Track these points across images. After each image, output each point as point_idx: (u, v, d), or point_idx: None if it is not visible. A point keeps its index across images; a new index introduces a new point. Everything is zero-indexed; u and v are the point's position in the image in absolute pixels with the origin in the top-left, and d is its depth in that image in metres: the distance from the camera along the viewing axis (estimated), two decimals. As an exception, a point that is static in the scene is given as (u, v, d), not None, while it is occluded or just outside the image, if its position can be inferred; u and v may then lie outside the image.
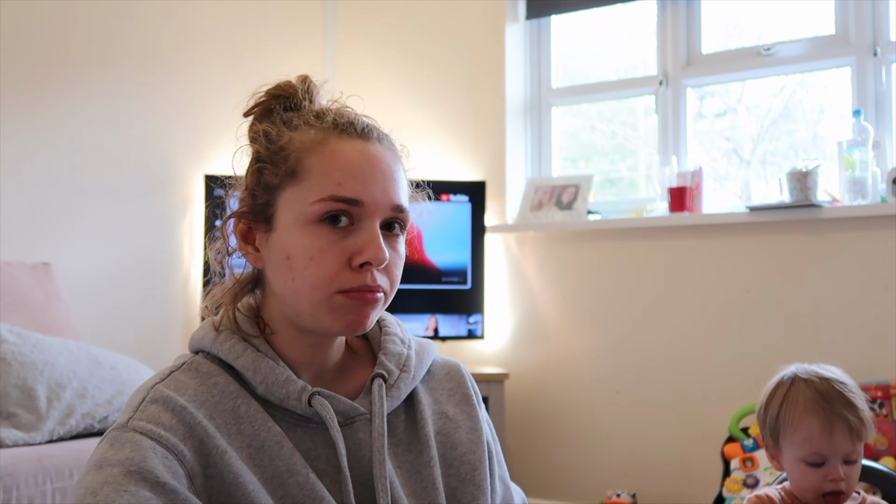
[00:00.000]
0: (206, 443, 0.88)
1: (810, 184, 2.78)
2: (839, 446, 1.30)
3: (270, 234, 0.94)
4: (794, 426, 1.33)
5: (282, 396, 0.94)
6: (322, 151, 0.93)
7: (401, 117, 3.78)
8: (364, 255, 0.91)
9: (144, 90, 3.27)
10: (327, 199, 0.91)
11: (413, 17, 3.79)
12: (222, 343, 0.96)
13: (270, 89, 1.00)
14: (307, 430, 0.95)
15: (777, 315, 2.91)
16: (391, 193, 0.94)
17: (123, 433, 0.87)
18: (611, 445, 3.22)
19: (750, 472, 2.57)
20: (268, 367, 0.94)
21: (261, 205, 0.95)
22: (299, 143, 0.94)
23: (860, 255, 2.77)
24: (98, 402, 2.26)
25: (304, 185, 0.92)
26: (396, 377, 1.01)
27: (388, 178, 0.95)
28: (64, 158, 3.01)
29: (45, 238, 2.93)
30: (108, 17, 3.15)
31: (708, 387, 3.01)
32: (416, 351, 1.06)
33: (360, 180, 0.92)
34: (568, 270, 3.35)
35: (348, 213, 0.92)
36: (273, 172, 0.94)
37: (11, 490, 1.88)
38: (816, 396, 1.32)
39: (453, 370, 1.11)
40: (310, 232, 0.91)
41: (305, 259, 0.91)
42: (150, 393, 0.91)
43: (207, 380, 0.94)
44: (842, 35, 2.98)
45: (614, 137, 3.63)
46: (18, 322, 2.43)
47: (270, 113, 0.99)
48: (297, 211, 0.92)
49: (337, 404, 0.95)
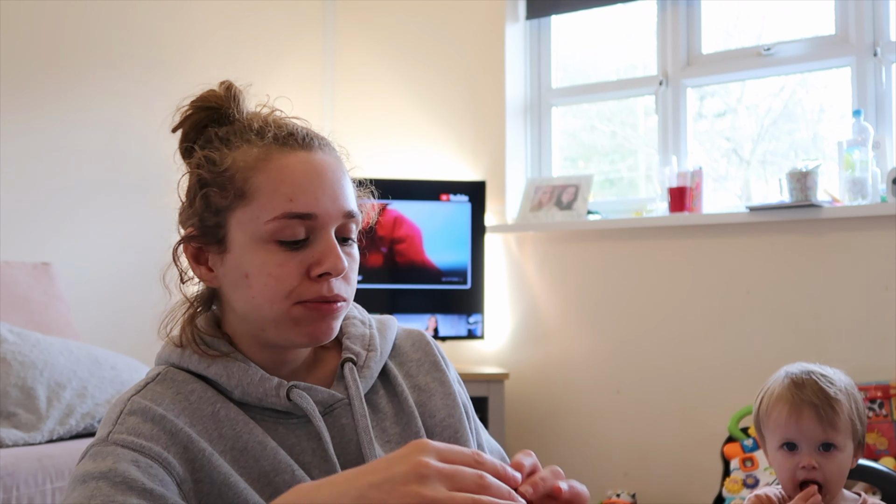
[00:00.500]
0: (189, 448, 0.88)
1: (810, 184, 2.78)
2: (808, 431, 1.34)
3: (225, 254, 0.95)
4: (769, 413, 1.39)
5: (260, 395, 0.94)
6: (267, 168, 0.92)
7: (401, 117, 3.78)
8: (323, 266, 0.92)
9: (144, 90, 3.27)
10: (281, 217, 0.91)
11: (413, 17, 3.79)
12: (190, 356, 0.97)
13: (195, 101, 0.99)
14: (289, 426, 0.95)
15: (777, 315, 2.91)
16: (341, 201, 0.94)
17: (105, 447, 0.86)
18: (611, 446, 3.21)
19: (750, 473, 2.57)
20: (240, 369, 0.95)
21: (211, 227, 0.95)
22: (243, 162, 0.93)
23: (860, 255, 2.77)
24: (98, 402, 2.26)
25: (254, 204, 0.92)
26: (365, 357, 1.02)
27: (336, 187, 0.95)
28: (64, 158, 3.01)
29: (45, 238, 2.93)
30: (109, 18, 3.15)
31: (708, 387, 3.01)
32: (377, 329, 1.07)
33: (310, 193, 0.92)
34: (568, 270, 3.35)
35: (303, 227, 0.92)
36: (221, 195, 0.93)
37: (11, 490, 1.88)
38: (790, 384, 1.37)
39: (418, 340, 1.11)
40: (266, 249, 0.92)
41: (265, 276, 0.91)
42: (127, 405, 0.91)
43: (183, 387, 0.94)
44: (842, 35, 2.98)
45: (614, 137, 3.63)
46: (18, 322, 2.43)
47: (202, 129, 0.99)
48: (252, 230, 0.92)
49: (315, 394, 0.96)
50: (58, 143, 2.99)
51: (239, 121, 0.98)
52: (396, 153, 3.74)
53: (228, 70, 3.63)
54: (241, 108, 0.99)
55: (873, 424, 2.54)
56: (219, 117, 0.98)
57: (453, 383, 1.08)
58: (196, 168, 0.96)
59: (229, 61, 3.57)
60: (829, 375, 1.38)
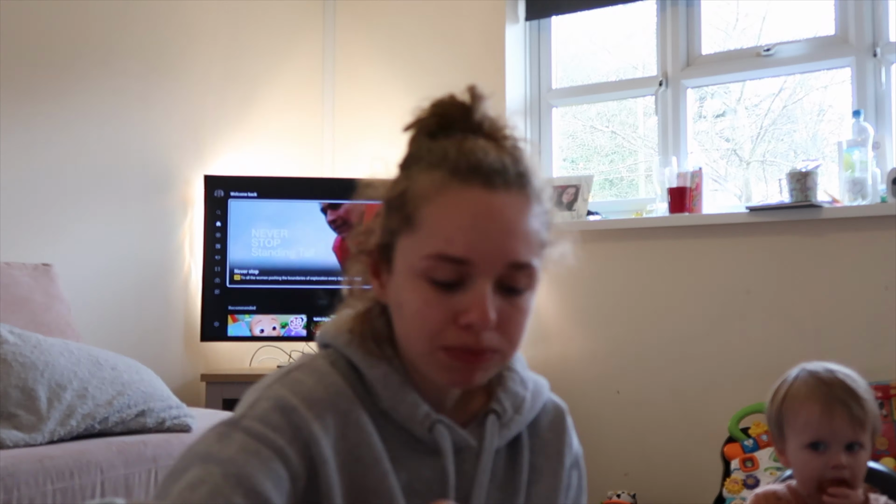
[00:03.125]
0: (310, 447, 0.87)
1: (810, 184, 2.78)
2: (839, 430, 1.32)
3: (391, 276, 0.93)
4: (796, 412, 1.35)
5: (406, 416, 0.93)
6: (438, 201, 0.88)
7: (401, 117, 3.77)
8: (468, 317, 0.87)
9: (144, 90, 3.27)
10: (434, 257, 0.87)
11: (413, 17, 3.79)
12: (356, 349, 0.95)
13: (434, 103, 0.97)
14: (416, 452, 0.94)
15: (777, 315, 2.91)
16: (508, 250, 0.88)
17: (233, 431, 0.86)
18: (611, 446, 3.21)
19: (750, 473, 2.57)
20: (397, 384, 0.93)
21: (384, 245, 0.93)
22: (418, 189, 0.90)
23: (860, 256, 2.77)
24: (99, 403, 2.26)
25: (417, 235, 0.89)
26: (510, 418, 1.00)
27: (506, 233, 0.88)
28: (64, 159, 3.01)
29: (45, 238, 2.93)
30: (108, 17, 3.15)
31: (708, 387, 3.01)
32: (532, 392, 1.04)
33: (471, 237, 0.87)
34: (568, 270, 3.34)
35: (456, 272, 0.87)
36: (393, 217, 0.92)
37: (12, 491, 1.88)
38: (818, 382, 1.35)
39: (557, 420, 1.08)
40: (419, 285, 0.88)
41: (412, 311, 0.89)
42: (265, 391, 0.90)
43: (325, 379, 0.92)
44: (842, 35, 2.98)
45: (614, 138, 3.63)
46: (19, 323, 2.43)
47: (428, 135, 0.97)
48: (410, 261, 0.89)
49: (454, 434, 0.95)
50: (58, 143, 2.99)
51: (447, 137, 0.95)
52: (397, 153, 3.73)
53: (229, 70, 3.65)
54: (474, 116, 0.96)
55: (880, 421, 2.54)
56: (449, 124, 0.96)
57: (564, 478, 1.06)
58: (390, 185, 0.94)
59: (229, 61, 3.57)
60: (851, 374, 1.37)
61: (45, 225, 2.95)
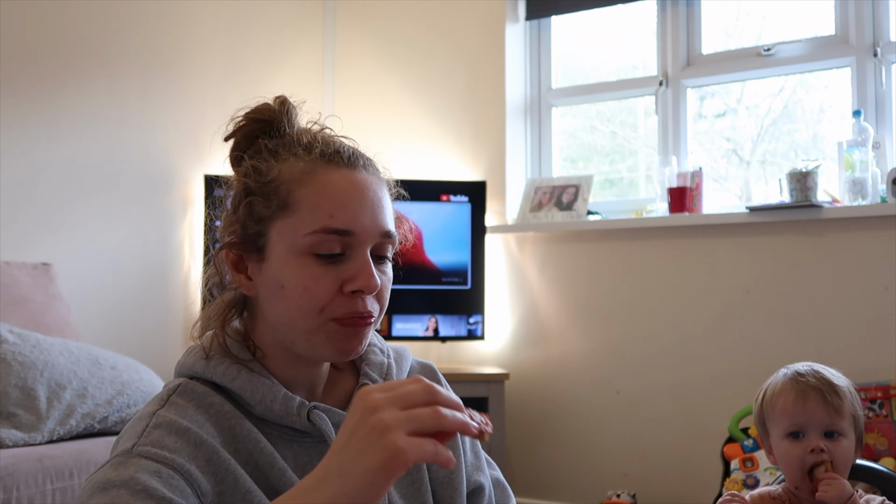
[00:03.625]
0: (213, 460, 0.89)
1: (810, 184, 2.78)
2: (815, 416, 1.36)
3: (263, 263, 0.96)
4: (774, 403, 1.40)
5: (281, 414, 0.96)
6: (311, 183, 0.95)
7: (401, 118, 3.78)
8: (356, 283, 0.93)
9: (144, 90, 3.27)
10: (319, 231, 0.93)
11: (413, 17, 3.79)
12: (216, 367, 0.97)
13: (249, 113, 1.01)
14: (303, 445, 0.97)
15: (777, 315, 2.91)
16: (380, 221, 0.97)
17: (128, 458, 0.87)
18: (611, 446, 3.21)
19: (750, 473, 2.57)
20: (264, 386, 0.96)
21: (252, 235, 0.96)
22: (289, 174, 0.95)
23: (860, 256, 2.77)
24: (98, 403, 2.26)
25: (295, 216, 0.94)
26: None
27: (376, 206, 0.97)
28: (64, 159, 3.01)
29: (45, 238, 2.93)
30: (108, 18, 3.15)
31: (708, 387, 3.01)
32: (394, 359, 1.09)
33: (350, 210, 0.94)
34: (568, 271, 3.35)
35: (340, 243, 0.94)
36: (264, 205, 0.95)
37: (11, 490, 1.88)
38: (795, 375, 1.41)
39: (428, 376, 1.12)
40: (303, 262, 0.93)
41: (300, 288, 0.93)
42: (152, 419, 0.91)
43: (203, 400, 0.95)
44: (842, 35, 2.98)
45: (614, 138, 3.63)
46: (18, 322, 2.43)
47: (253, 140, 1.00)
48: (290, 242, 0.94)
49: (333, 416, 0.98)
50: (58, 143, 2.99)
51: (289, 134, 1.00)
52: (396, 153, 3.74)
53: (228, 70, 3.65)
54: (293, 122, 1.01)
55: (873, 424, 2.54)
56: (270, 130, 1.00)
57: None
58: (243, 177, 0.98)
59: (229, 61, 3.57)
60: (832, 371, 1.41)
61: (45, 225, 2.95)
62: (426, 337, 3.31)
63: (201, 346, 1.00)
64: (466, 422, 0.73)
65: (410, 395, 0.73)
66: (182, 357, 1.02)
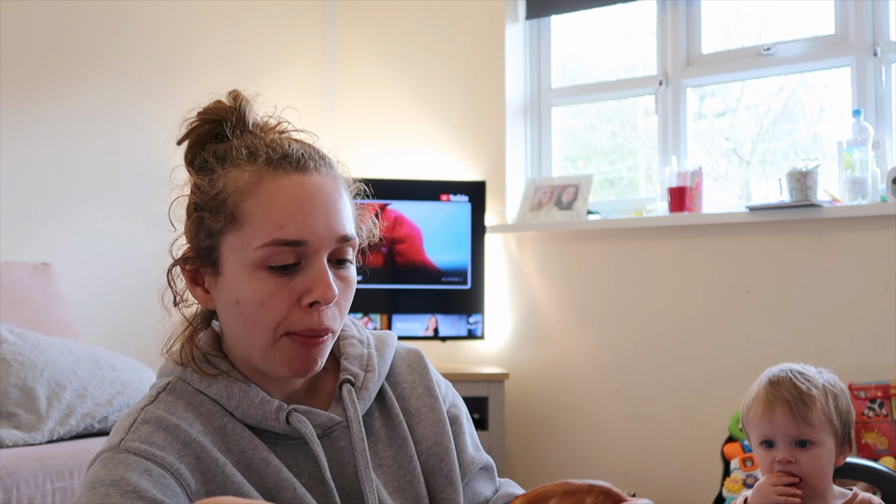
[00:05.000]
0: (202, 458, 0.88)
1: (810, 184, 2.78)
2: (781, 427, 1.37)
3: (218, 277, 0.93)
4: (748, 411, 1.43)
5: (259, 418, 0.94)
6: (259, 193, 0.90)
7: (401, 118, 3.78)
8: (313, 295, 0.90)
9: (144, 90, 3.27)
10: (270, 244, 0.89)
11: (413, 17, 3.79)
12: (191, 374, 0.95)
13: (201, 112, 0.98)
14: (287, 447, 0.95)
15: (777, 315, 2.91)
16: (334, 226, 0.92)
17: (116, 454, 0.86)
18: (611, 445, 3.22)
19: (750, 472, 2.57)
20: (241, 390, 0.94)
21: (205, 249, 0.94)
22: (234, 186, 0.91)
23: (860, 255, 2.77)
24: (98, 403, 2.26)
25: (245, 230, 0.90)
26: (363, 378, 1.01)
27: (329, 211, 0.92)
28: (64, 158, 3.01)
29: (45, 238, 2.93)
30: (108, 18, 3.15)
31: (708, 387, 3.01)
32: (376, 347, 1.06)
33: (300, 219, 0.90)
34: (568, 270, 3.35)
35: (293, 253, 0.90)
36: (213, 219, 0.92)
37: (11, 490, 1.88)
38: (767, 383, 1.42)
39: (414, 362, 1.09)
40: (256, 276, 0.90)
41: (255, 304, 0.90)
42: (141, 414, 0.91)
43: (193, 398, 0.94)
44: (842, 35, 2.98)
45: (614, 137, 3.63)
46: (18, 322, 2.43)
47: (206, 141, 0.97)
48: (242, 256, 0.90)
49: (314, 418, 0.96)
50: (58, 143, 2.99)
51: (238, 137, 0.96)
52: (396, 153, 3.74)
53: (228, 70, 3.65)
54: (248, 119, 0.97)
55: (873, 424, 2.54)
56: (222, 132, 0.97)
57: (443, 412, 1.07)
58: (191, 192, 0.95)
59: (229, 61, 3.57)
60: (806, 373, 1.41)
61: (45, 225, 2.95)
62: (426, 337, 3.31)
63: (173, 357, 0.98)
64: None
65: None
66: (161, 367, 1.01)
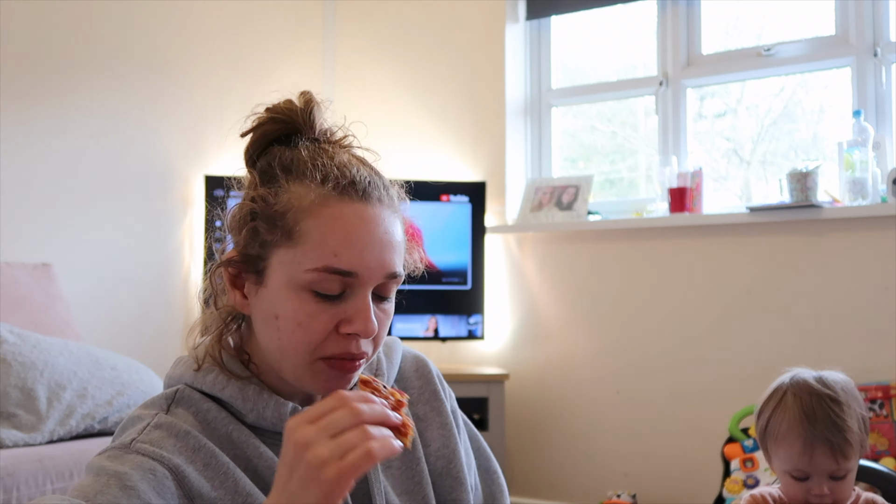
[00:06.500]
0: (211, 465, 0.89)
1: (810, 184, 2.78)
2: (821, 465, 1.30)
3: (260, 287, 0.92)
4: (778, 442, 1.34)
5: (274, 420, 0.94)
6: (320, 215, 0.89)
7: (401, 118, 3.78)
8: (353, 326, 0.89)
9: (144, 90, 3.27)
10: (321, 270, 0.88)
11: (413, 17, 3.79)
12: (204, 376, 0.95)
13: (270, 109, 0.96)
14: None
15: (777, 315, 2.91)
16: (387, 262, 0.91)
17: (126, 452, 0.87)
18: (611, 446, 3.21)
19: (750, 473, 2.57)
20: (255, 393, 0.94)
21: (253, 257, 0.92)
22: (297, 203, 0.90)
23: (860, 256, 2.77)
24: (98, 403, 2.26)
25: (298, 248, 0.89)
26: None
27: (384, 246, 0.91)
28: (64, 159, 3.01)
29: (45, 238, 2.93)
30: (108, 18, 3.15)
31: (708, 387, 3.01)
32: (384, 353, 1.07)
33: (356, 250, 0.89)
34: (568, 271, 3.35)
35: (341, 283, 0.89)
36: (268, 231, 0.90)
37: (12, 490, 1.88)
38: (801, 416, 1.31)
39: (420, 367, 1.11)
40: (300, 297, 0.89)
41: (294, 323, 0.89)
42: (154, 419, 0.91)
43: (200, 406, 0.94)
44: (842, 35, 2.98)
45: (614, 138, 3.63)
46: (18, 322, 2.43)
47: (270, 141, 0.95)
48: (290, 274, 0.89)
49: None
50: (58, 143, 2.99)
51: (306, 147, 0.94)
52: (396, 153, 3.74)
53: (229, 70, 3.65)
54: (316, 126, 0.96)
55: (873, 424, 2.54)
56: (290, 133, 0.95)
57: (450, 415, 1.09)
58: (250, 200, 0.93)
59: (229, 61, 3.57)
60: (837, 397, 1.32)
61: (45, 225, 2.95)
62: (426, 337, 3.31)
63: (194, 357, 0.97)
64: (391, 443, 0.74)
65: (337, 422, 0.73)
66: (171, 369, 1.00)
